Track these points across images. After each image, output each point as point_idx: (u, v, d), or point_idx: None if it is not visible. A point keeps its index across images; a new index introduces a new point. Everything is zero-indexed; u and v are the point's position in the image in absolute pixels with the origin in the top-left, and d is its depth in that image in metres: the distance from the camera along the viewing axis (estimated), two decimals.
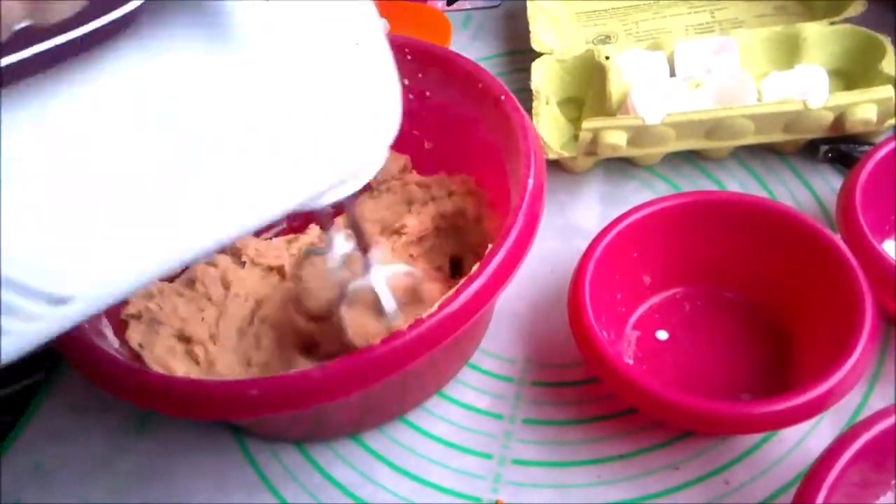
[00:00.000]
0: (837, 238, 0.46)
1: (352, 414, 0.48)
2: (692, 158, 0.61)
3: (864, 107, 0.54)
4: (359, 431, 0.49)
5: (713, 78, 0.58)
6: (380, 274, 0.41)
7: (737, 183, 0.59)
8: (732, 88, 0.58)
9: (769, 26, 0.63)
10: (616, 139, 0.56)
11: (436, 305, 0.39)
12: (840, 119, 0.55)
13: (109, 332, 0.46)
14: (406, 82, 0.52)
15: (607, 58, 0.61)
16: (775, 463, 0.44)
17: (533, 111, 0.60)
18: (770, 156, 0.60)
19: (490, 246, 0.41)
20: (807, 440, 0.45)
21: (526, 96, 0.61)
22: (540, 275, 0.54)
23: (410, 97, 0.53)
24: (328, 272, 0.43)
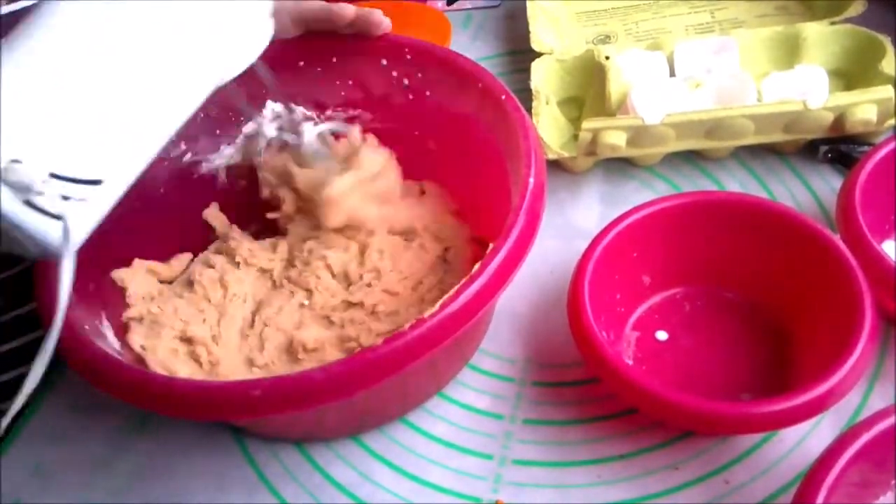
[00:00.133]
0: (837, 238, 0.46)
1: (352, 414, 0.48)
2: (692, 158, 0.61)
3: (864, 107, 0.54)
4: (359, 432, 0.49)
5: (713, 78, 0.58)
6: (312, 130, 0.49)
7: (737, 183, 0.59)
8: (732, 88, 0.58)
9: (769, 26, 0.63)
10: (616, 139, 0.56)
11: (437, 305, 0.39)
12: (840, 119, 0.55)
13: (110, 334, 0.46)
14: (406, 82, 0.53)
15: (607, 58, 0.61)
16: (775, 463, 0.44)
17: (533, 111, 0.60)
18: (770, 156, 0.60)
19: (490, 245, 0.41)
20: (807, 440, 0.45)
21: (526, 96, 0.61)
22: (540, 275, 0.54)
23: (410, 97, 0.53)
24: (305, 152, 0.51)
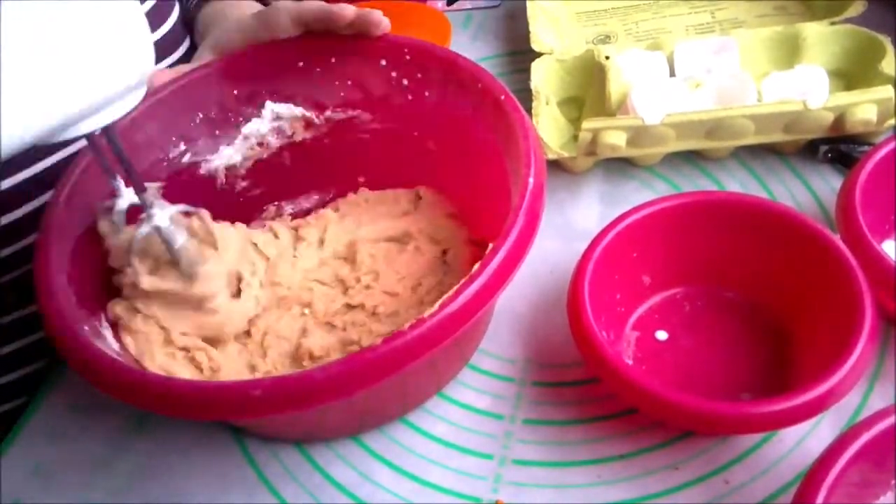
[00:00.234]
0: (837, 238, 0.46)
1: (353, 415, 0.48)
2: (692, 158, 0.61)
3: (864, 107, 0.54)
4: (359, 432, 0.49)
5: (713, 78, 0.58)
6: (164, 214, 0.41)
7: (737, 183, 0.59)
8: (732, 88, 0.58)
9: (769, 26, 0.63)
10: (616, 139, 0.56)
11: (437, 305, 0.39)
12: (840, 119, 0.55)
13: (109, 334, 0.46)
14: (406, 82, 0.53)
15: (607, 58, 0.61)
16: (775, 463, 0.44)
17: (533, 111, 0.60)
18: (770, 156, 0.60)
19: (490, 246, 0.41)
20: (807, 440, 0.45)
21: (526, 96, 0.61)
22: (540, 275, 0.54)
23: (410, 97, 0.53)
24: (116, 226, 0.43)
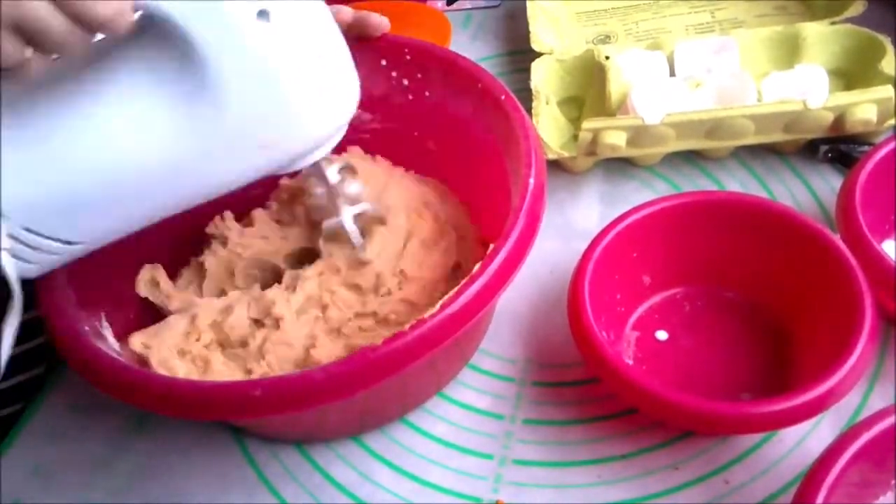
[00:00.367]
0: (837, 238, 0.46)
1: (353, 415, 0.48)
2: (692, 158, 0.61)
3: (864, 107, 0.54)
4: (359, 433, 0.49)
5: (713, 78, 0.58)
6: (349, 214, 0.48)
7: (737, 183, 0.59)
8: (732, 88, 0.58)
9: (769, 26, 0.63)
10: (616, 139, 0.56)
11: (437, 306, 0.39)
12: (840, 119, 0.55)
13: (109, 334, 0.46)
14: (406, 82, 0.53)
15: (607, 58, 0.61)
16: (775, 463, 0.44)
17: (533, 111, 0.60)
18: (770, 156, 0.60)
19: (491, 246, 0.41)
20: (807, 440, 0.45)
21: (526, 96, 0.61)
22: (540, 275, 0.54)
23: (410, 97, 0.53)
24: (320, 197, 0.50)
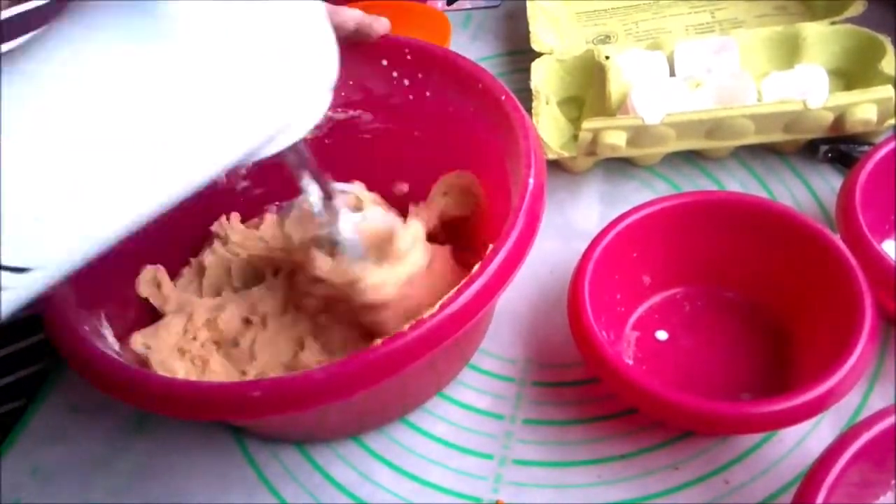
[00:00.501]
0: (837, 238, 0.46)
1: (353, 415, 0.47)
2: (692, 158, 0.60)
3: (864, 107, 0.54)
4: (359, 433, 0.49)
5: (713, 78, 0.58)
6: (348, 221, 0.42)
7: (737, 183, 0.59)
8: (732, 88, 0.57)
9: (769, 26, 0.63)
10: (616, 139, 0.56)
11: (437, 306, 0.39)
12: (840, 119, 0.55)
13: (109, 334, 0.46)
14: (406, 82, 0.53)
15: (607, 58, 0.61)
16: (775, 463, 0.44)
17: (533, 111, 0.60)
18: (770, 156, 0.60)
19: (490, 246, 0.41)
20: (807, 440, 0.45)
21: (526, 96, 0.61)
22: (540, 275, 0.54)
23: (410, 97, 0.53)
24: (307, 219, 0.44)
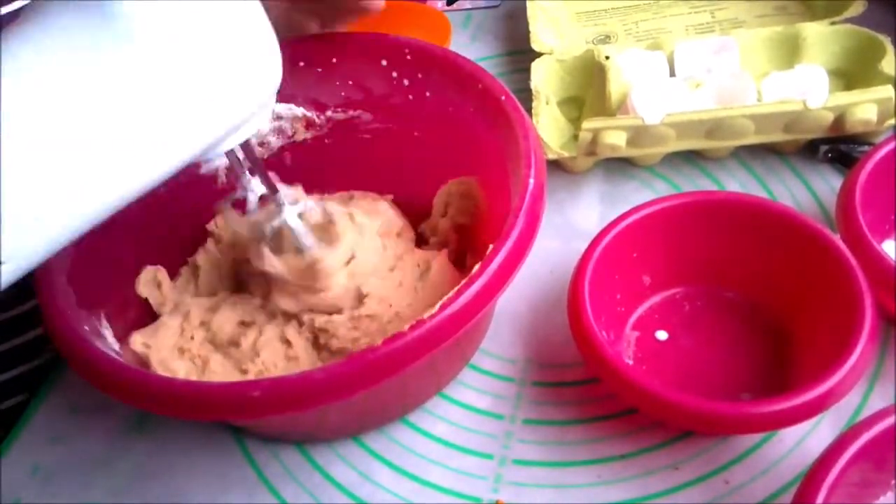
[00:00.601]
0: (837, 238, 0.46)
1: (353, 415, 0.47)
2: (692, 158, 0.61)
3: (864, 107, 0.54)
4: (360, 433, 0.49)
5: (713, 78, 0.58)
6: (293, 211, 0.44)
7: (737, 183, 0.59)
8: (732, 88, 0.57)
9: (769, 26, 0.63)
10: (616, 139, 0.56)
11: (437, 306, 0.39)
12: (840, 119, 0.55)
13: (109, 334, 0.46)
14: (406, 82, 0.53)
15: (607, 58, 0.61)
16: (775, 463, 0.44)
17: (533, 111, 0.60)
18: (770, 156, 0.60)
19: (490, 247, 0.41)
20: (807, 440, 0.45)
21: (526, 96, 0.61)
22: (540, 275, 0.54)
23: (410, 97, 0.53)
24: (249, 216, 0.45)
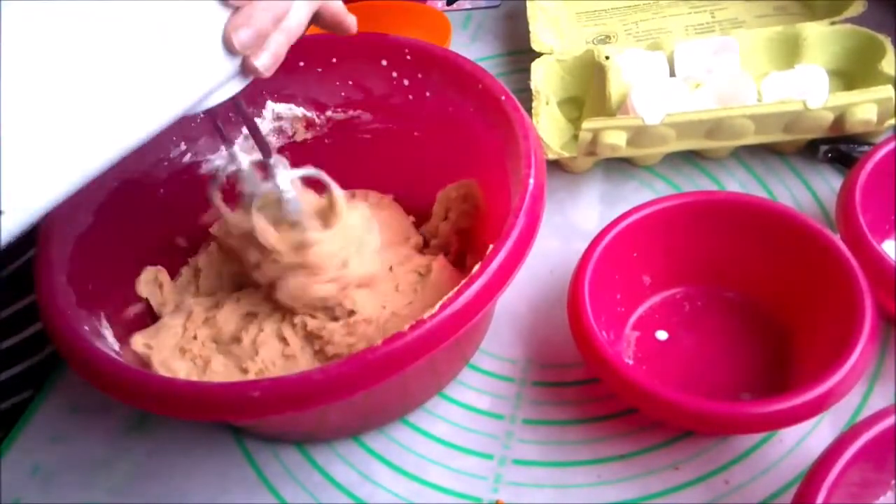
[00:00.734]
0: (837, 238, 0.46)
1: (353, 416, 0.48)
2: (692, 158, 0.61)
3: (864, 107, 0.54)
4: (360, 433, 0.49)
5: (713, 78, 0.58)
6: (286, 176, 0.42)
7: (737, 183, 0.59)
8: (732, 88, 0.57)
9: (769, 26, 0.63)
10: (616, 139, 0.56)
11: (437, 306, 0.39)
12: (840, 119, 0.55)
13: (109, 334, 0.46)
14: (406, 82, 0.53)
15: (607, 58, 0.61)
16: (775, 463, 0.44)
17: (533, 111, 0.60)
18: (770, 156, 0.60)
19: (490, 247, 0.41)
20: (807, 440, 0.45)
21: (526, 96, 0.61)
22: (540, 275, 0.54)
23: (410, 97, 0.53)
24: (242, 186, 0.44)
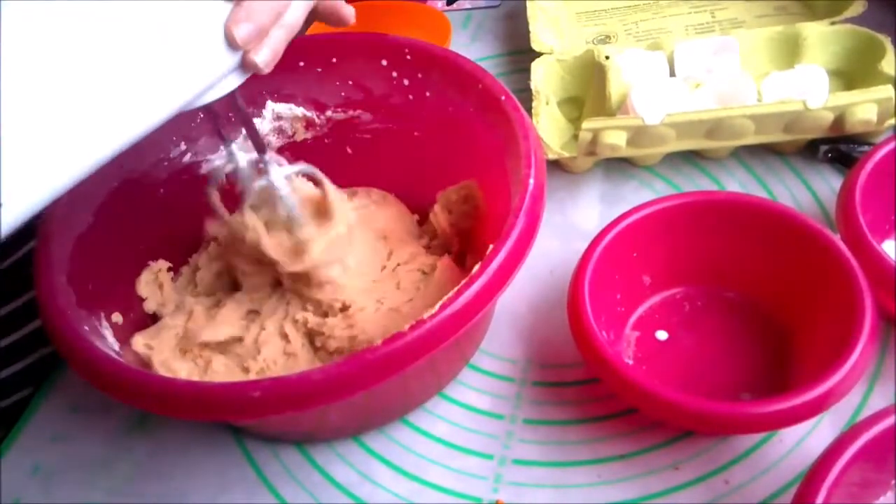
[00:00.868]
0: (837, 238, 0.46)
1: (353, 416, 0.48)
2: (692, 158, 0.61)
3: (864, 107, 0.54)
4: (360, 433, 0.49)
5: (713, 78, 0.58)
6: (280, 172, 0.42)
7: (737, 183, 0.59)
8: (732, 88, 0.57)
9: (769, 26, 0.63)
10: (616, 139, 0.56)
11: (437, 306, 0.39)
12: (840, 119, 0.55)
13: (109, 334, 0.46)
14: (406, 82, 0.53)
15: (607, 58, 0.61)
16: (775, 463, 0.44)
17: (533, 111, 0.60)
18: (770, 156, 0.60)
19: (490, 247, 0.41)
20: (807, 440, 0.45)
21: (526, 96, 0.61)
22: (540, 275, 0.54)
23: (410, 97, 0.53)
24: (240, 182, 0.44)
